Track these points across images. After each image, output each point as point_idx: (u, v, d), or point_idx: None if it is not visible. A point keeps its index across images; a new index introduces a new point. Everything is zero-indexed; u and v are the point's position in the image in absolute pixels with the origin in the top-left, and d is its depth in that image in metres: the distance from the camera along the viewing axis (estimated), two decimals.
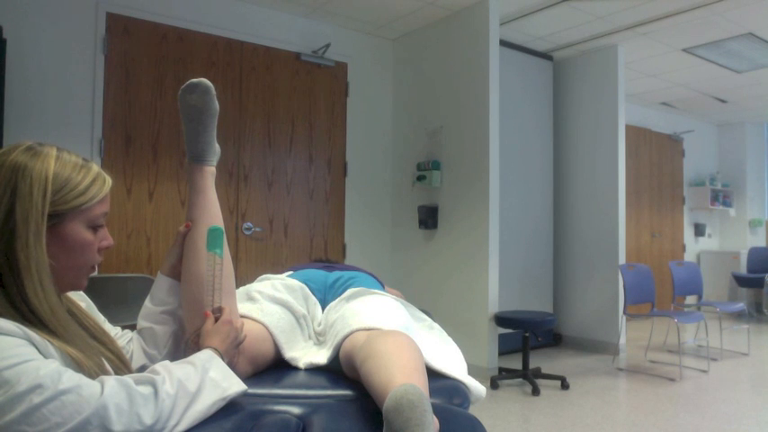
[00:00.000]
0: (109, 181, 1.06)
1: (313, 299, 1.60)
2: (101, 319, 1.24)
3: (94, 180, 1.02)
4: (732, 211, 7.93)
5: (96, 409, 0.84)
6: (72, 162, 1.01)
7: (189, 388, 0.98)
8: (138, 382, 0.92)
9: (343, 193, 4.63)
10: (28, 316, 0.92)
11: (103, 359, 1.03)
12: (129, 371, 1.10)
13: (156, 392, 0.93)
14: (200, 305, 1.26)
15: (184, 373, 1.00)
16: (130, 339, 1.29)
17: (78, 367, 0.92)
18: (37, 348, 0.89)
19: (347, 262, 4.59)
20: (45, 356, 0.89)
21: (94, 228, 1.04)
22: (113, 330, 1.26)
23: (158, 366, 1.00)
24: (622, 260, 4.95)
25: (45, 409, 0.81)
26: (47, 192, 0.96)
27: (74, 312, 1.08)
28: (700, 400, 3.57)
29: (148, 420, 0.89)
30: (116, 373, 1.02)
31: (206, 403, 0.99)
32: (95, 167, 1.05)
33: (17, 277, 0.92)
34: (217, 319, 1.22)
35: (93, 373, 0.94)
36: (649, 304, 4.75)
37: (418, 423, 0.89)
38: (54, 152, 0.99)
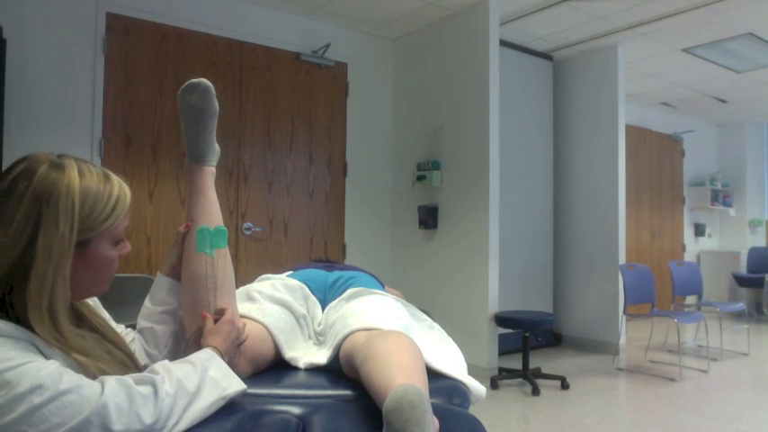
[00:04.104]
0: (129, 193, 1.05)
1: (313, 299, 1.60)
2: (106, 316, 1.24)
3: (118, 198, 1.02)
4: (732, 211, 7.93)
5: (97, 408, 0.84)
6: (95, 182, 0.99)
7: (188, 387, 0.98)
8: (137, 382, 0.93)
9: (343, 193, 4.63)
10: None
11: (115, 361, 1.04)
12: (139, 371, 1.10)
13: (155, 392, 0.93)
14: (200, 305, 1.26)
15: (184, 372, 1.00)
16: (133, 339, 1.29)
17: (80, 369, 0.92)
18: (39, 350, 0.89)
19: (347, 262, 4.59)
20: (47, 358, 0.89)
21: (117, 242, 1.05)
22: (118, 328, 1.26)
23: (158, 366, 1.01)
24: (622, 260, 4.95)
25: (45, 410, 0.81)
26: (74, 222, 0.94)
27: (83, 313, 1.08)
28: (700, 400, 3.57)
29: (148, 420, 0.90)
30: (127, 373, 1.02)
31: (205, 402, 1.00)
32: (116, 181, 1.03)
33: (23, 311, 0.91)
34: (217, 320, 1.22)
35: (95, 375, 0.94)
36: (649, 304, 4.75)
37: (418, 423, 0.89)
38: (76, 174, 0.97)
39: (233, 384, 1.06)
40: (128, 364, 1.08)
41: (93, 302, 1.21)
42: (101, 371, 0.96)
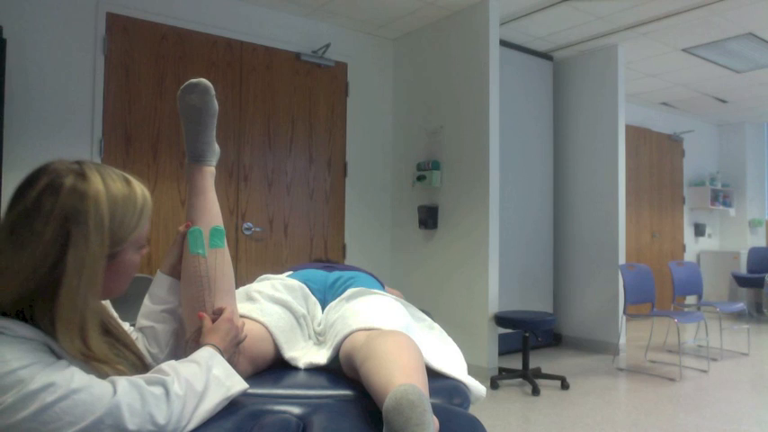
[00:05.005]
0: (149, 196, 1.04)
1: (313, 299, 1.60)
2: (115, 315, 1.24)
3: (143, 206, 1.01)
4: (732, 211, 7.93)
5: (109, 408, 0.85)
6: (120, 191, 0.98)
7: (196, 388, 0.99)
8: (148, 383, 0.93)
9: (343, 193, 4.63)
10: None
11: (128, 363, 1.04)
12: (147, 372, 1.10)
13: (167, 393, 0.93)
14: (197, 305, 1.26)
15: (191, 372, 1.00)
16: (137, 338, 1.30)
17: (92, 370, 0.93)
18: (52, 351, 0.90)
19: (347, 262, 4.59)
20: (59, 358, 0.90)
21: (141, 246, 1.05)
22: (123, 326, 1.26)
23: (165, 366, 1.01)
24: (622, 260, 4.95)
25: (57, 408, 0.81)
26: (105, 237, 0.94)
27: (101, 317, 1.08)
28: (700, 400, 3.57)
29: (161, 420, 0.90)
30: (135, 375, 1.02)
31: (212, 403, 1.00)
32: (137, 187, 1.02)
33: (50, 326, 0.90)
34: (215, 320, 1.22)
35: (107, 375, 0.94)
36: (649, 304, 4.75)
37: (418, 423, 0.89)
38: (102, 185, 0.95)
39: (236, 384, 1.06)
40: (137, 365, 1.09)
41: (105, 302, 1.21)
42: (117, 373, 0.96)
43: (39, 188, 0.91)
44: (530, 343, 4.10)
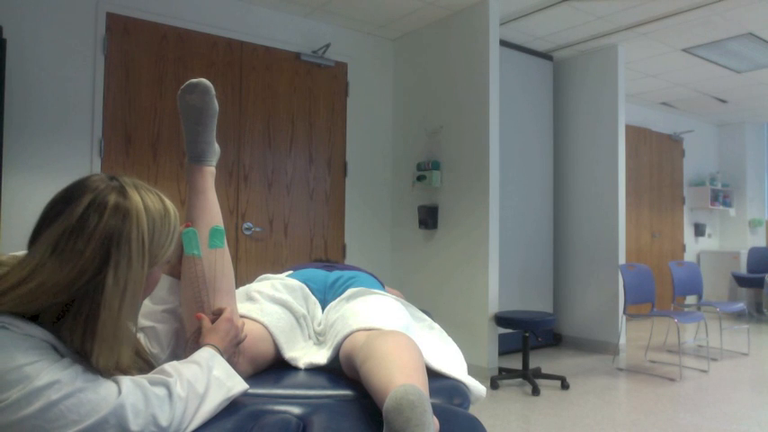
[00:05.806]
0: (178, 214, 1.06)
1: (313, 299, 1.60)
2: None
3: (175, 226, 1.03)
4: (732, 211, 7.93)
5: (114, 408, 0.85)
6: (158, 212, 0.99)
7: (198, 389, 0.99)
8: (152, 383, 0.93)
9: (343, 193, 4.63)
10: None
11: (136, 368, 1.05)
12: None
13: (170, 394, 0.93)
14: (196, 305, 1.26)
15: (192, 373, 1.01)
16: (138, 339, 1.30)
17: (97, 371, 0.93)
18: (57, 350, 0.90)
19: (347, 262, 4.59)
20: (63, 357, 0.90)
21: (168, 261, 1.07)
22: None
23: (167, 367, 1.01)
24: (622, 260, 4.95)
25: (62, 406, 0.81)
26: (144, 259, 0.95)
27: None
28: (700, 400, 3.57)
29: (164, 422, 0.90)
30: None
31: (213, 404, 1.01)
32: (170, 207, 1.03)
33: (86, 341, 0.90)
34: (214, 320, 1.22)
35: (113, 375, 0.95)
36: (649, 304, 4.75)
37: (418, 423, 0.89)
38: (142, 207, 0.96)
39: (237, 384, 1.07)
40: (145, 370, 1.09)
41: None
42: (121, 371, 0.96)
43: (83, 205, 0.92)
44: (530, 343, 4.10)
